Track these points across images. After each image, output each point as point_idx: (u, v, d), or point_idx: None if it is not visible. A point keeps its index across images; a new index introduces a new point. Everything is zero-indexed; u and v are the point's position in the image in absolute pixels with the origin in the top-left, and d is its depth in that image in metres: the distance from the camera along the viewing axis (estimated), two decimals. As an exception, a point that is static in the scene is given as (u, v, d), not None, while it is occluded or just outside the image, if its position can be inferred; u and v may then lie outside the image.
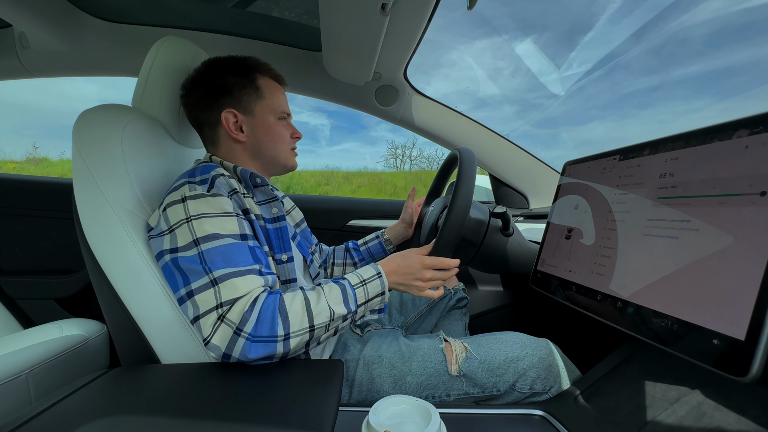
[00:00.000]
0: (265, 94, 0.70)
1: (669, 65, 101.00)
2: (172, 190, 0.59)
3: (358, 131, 26.80)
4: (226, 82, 0.69)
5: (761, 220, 0.32)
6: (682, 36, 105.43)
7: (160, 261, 0.57)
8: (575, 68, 8.94)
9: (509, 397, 0.64)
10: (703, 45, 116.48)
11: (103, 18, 1.03)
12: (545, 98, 17.00)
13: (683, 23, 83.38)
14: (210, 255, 0.53)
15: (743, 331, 0.31)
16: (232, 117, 0.69)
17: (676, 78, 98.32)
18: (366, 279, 0.60)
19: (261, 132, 0.70)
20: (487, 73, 49.87)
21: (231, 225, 0.57)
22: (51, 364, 0.84)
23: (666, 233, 0.42)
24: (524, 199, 1.34)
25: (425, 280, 0.64)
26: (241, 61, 0.71)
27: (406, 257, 0.65)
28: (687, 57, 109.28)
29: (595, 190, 0.57)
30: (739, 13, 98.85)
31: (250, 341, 0.50)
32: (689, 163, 0.42)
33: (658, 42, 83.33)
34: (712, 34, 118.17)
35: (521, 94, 46.26)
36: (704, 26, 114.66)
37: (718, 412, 0.47)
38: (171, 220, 0.56)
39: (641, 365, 0.62)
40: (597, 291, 0.51)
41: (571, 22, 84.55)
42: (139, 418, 0.41)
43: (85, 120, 0.62)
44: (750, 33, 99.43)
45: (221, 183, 0.61)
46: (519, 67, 49.94)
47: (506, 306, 1.18)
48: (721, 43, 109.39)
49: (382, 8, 0.69)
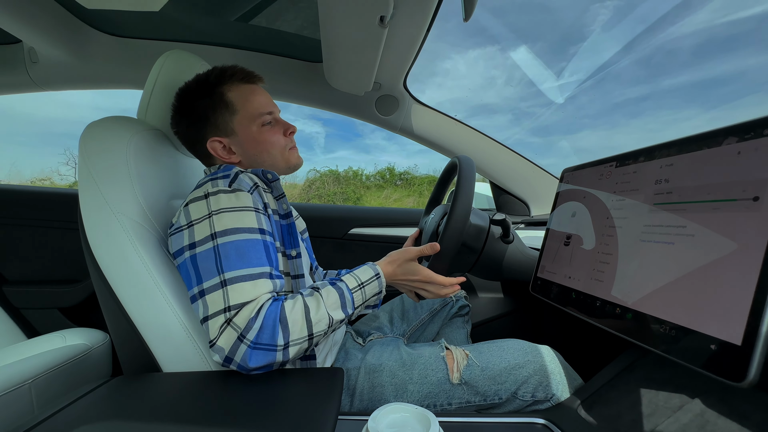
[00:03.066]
0: (237, 107, 0.68)
1: (658, 75, 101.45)
2: (196, 188, 0.61)
3: (352, 139, 26.88)
4: (198, 110, 0.67)
5: (754, 225, 0.33)
6: (670, 47, 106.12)
7: (179, 258, 0.57)
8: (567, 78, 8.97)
9: (511, 405, 0.63)
10: (690, 56, 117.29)
11: (110, 33, 1.06)
12: (539, 107, 17.08)
13: (671, 34, 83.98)
14: (225, 250, 0.54)
15: (740, 336, 0.31)
16: (218, 145, 0.68)
17: (665, 88, 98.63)
18: (364, 282, 0.61)
19: (249, 147, 0.69)
20: (481, 82, 50.02)
21: (249, 219, 0.57)
22: (53, 374, 0.84)
23: (662, 239, 0.42)
24: (525, 207, 1.34)
25: (417, 288, 0.67)
26: (203, 80, 0.69)
27: (403, 267, 0.65)
28: (675, 67, 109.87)
29: (593, 196, 0.57)
30: (724, 25, 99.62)
31: (251, 348, 0.50)
32: (684, 169, 0.42)
33: (647, 53, 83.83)
34: (699, 45, 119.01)
35: (514, 103, 46.37)
36: (692, 37, 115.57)
37: (721, 419, 0.47)
38: (192, 215, 0.57)
39: (644, 373, 0.61)
40: (596, 297, 0.51)
41: (563, 33, 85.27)
42: (141, 427, 0.41)
43: (92, 132, 0.64)
44: (735, 44, 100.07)
45: (244, 178, 0.61)
46: (512, 75, 50.14)
47: (508, 314, 1.17)
48: (708, 54, 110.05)
49: (381, 21, 0.70)
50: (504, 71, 52.72)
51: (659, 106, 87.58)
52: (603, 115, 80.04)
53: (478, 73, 54.01)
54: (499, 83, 51.44)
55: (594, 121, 69.74)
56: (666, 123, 68.76)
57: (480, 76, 54.22)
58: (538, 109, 12.92)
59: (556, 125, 17.28)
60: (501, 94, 52.29)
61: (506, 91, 50.67)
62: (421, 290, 0.67)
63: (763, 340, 0.30)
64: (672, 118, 20.29)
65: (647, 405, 0.54)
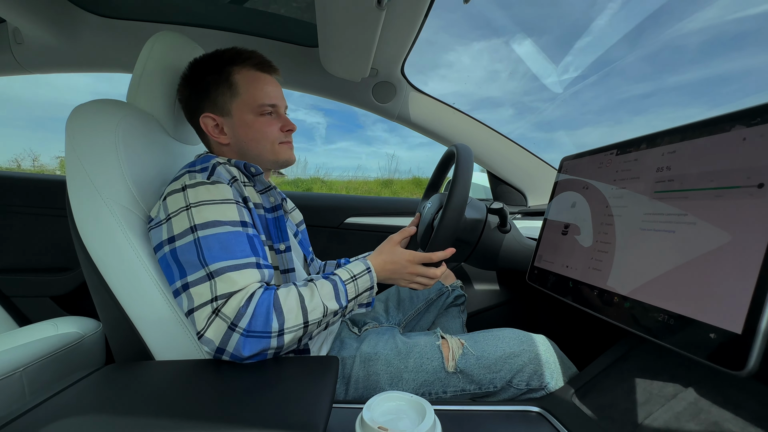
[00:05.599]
0: (240, 90, 0.67)
1: (663, 72, 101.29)
2: (173, 180, 0.59)
3: (354, 130, 26.64)
4: (203, 84, 0.67)
5: (759, 212, 0.32)
6: (677, 44, 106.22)
7: (159, 253, 0.56)
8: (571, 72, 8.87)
9: (506, 394, 0.64)
10: (697, 53, 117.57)
11: (98, 13, 1.02)
12: (542, 101, 16.97)
13: (678, 30, 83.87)
14: (207, 243, 0.53)
15: (740, 324, 0.31)
16: (210, 121, 0.68)
17: (670, 85, 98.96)
18: (356, 274, 0.60)
19: (241, 132, 0.68)
20: (485, 75, 49.76)
21: (231, 212, 0.56)
22: (45, 362, 0.83)
23: (663, 227, 0.41)
24: (522, 197, 1.34)
25: (412, 274, 0.66)
26: (218, 56, 0.68)
27: (392, 253, 0.66)
28: (681, 64, 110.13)
29: (592, 185, 0.57)
30: (732, 22, 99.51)
31: (244, 336, 0.49)
32: (686, 157, 0.41)
33: (653, 49, 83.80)
34: (706, 42, 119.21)
35: (518, 97, 46.41)
36: (699, 34, 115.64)
37: (714, 408, 0.47)
38: (170, 208, 0.56)
39: (638, 362, 0.62)
40: (594, 286, 0.50)
41: (569, 26, 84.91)
42: (131, 414, 0.40)
43: (79, 115, 0.62)
44: (743, 43, 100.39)
45: (222, 171, 0.60)
46: (516, 69, 49.90)
47: (503, 304, 1.18)
48: (715, 52, 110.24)
49: (378, 3, 0.68)
50: (508, 65, 52.55)
51: (663, 102, 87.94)
52: (606, 111, 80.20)
53: (482, 65, 53.83)
54: (503, 77, 51.27)
55: (597, 117, 69.94)
56: (669, 120, 68.94)
57: (484, 69, 53.97)
58: (541, 104, 12.83)
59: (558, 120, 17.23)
60: (504, 87, 52.22)
61: (510, 85, 50.56)
62: (415, 277, 0.66)
63: (764, 329, 0.29)
64: (676, 115, 20.06)
65: (641, 393, 0.55)
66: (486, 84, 53.85)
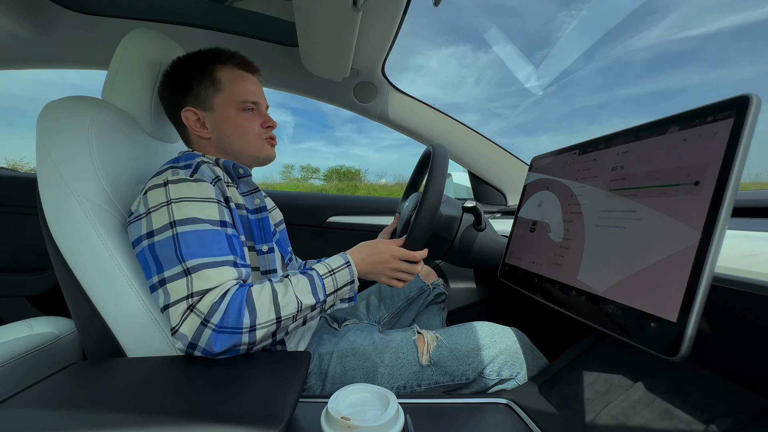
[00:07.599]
0: (224, 86, 0.68)
1: (615, 85, 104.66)
2: (155, 175, 0.59)
3: (322, 130, 26.41)
4: (186, 79, 0.68)
5: (694, 208, 0.34)
6: (626, 59, 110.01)
7: (137, 247, 0.56)
8: (533, 81, 8.90)
9: (478, 385, 0.65)
10: (644, 69, 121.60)
11: (74, 9, 1.01)
12: (506, 108, 17.13)
13: (628, 47, 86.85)
14: (186, 239, 0.53)
15: (675, 313, 0.33)
16: (192, 115, 0.68)
17: (621, 97, 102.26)
18: (334, 269, 0.61)
19: (223, 126, 0.69)
20: (452, 80, 50.04)
21: (211, 210, 0.57)
22: (19, 362, 0.82)
23: (615, 223, 0.44)
24: (502, 196, 1.37)
25: (393, 270, 0.66)
26: (201, 54, 0.70)
27: (374, 246, 0.66)
28: (630, 79, 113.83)
29: (558, 183, 0.59)
30: (674, 42, 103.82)
31: (216, 332, 0.50)
32: (637, 156, 0.44)
33: (605, 63, 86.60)
34: (651, 59, 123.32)
35: (483, 103, 46.86)
36: (645, 51, 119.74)
37: (667, 395, 0.49)
38: (150, 203, 0.56)
39: (602, 354, 0.64)
40: (555, 281, 0.52)
41: (530, 38, 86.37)
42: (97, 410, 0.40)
43: (50, 112, 0.61)
44: (683, 61, 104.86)
45: (206, 169, 0.61)
46: (482, 76, 50.46)
47: (482, 302, 1.20)
48: (659, 68, 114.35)
49: (354, 3, 0.69)
50: (474, 71, 53.07)
51: (614, 113, 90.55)
52: (564, 120, 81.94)
53: (450, 71, 54.20)
54: (470, 82, 51.70)
55: (555, 125, 71.33)
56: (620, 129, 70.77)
57: (452, 74, 54.35)
58: (505, 111, 13.01)
59: (520, 127, 17.14)
60: (470, 93, 52.75)
61: (475, 91, 51.00)
62: (396, 272, 0.67)
63: (695, 316, 0.31)
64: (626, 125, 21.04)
65: (602, 384, 0.57)
66: (453, 89, 53.90)
